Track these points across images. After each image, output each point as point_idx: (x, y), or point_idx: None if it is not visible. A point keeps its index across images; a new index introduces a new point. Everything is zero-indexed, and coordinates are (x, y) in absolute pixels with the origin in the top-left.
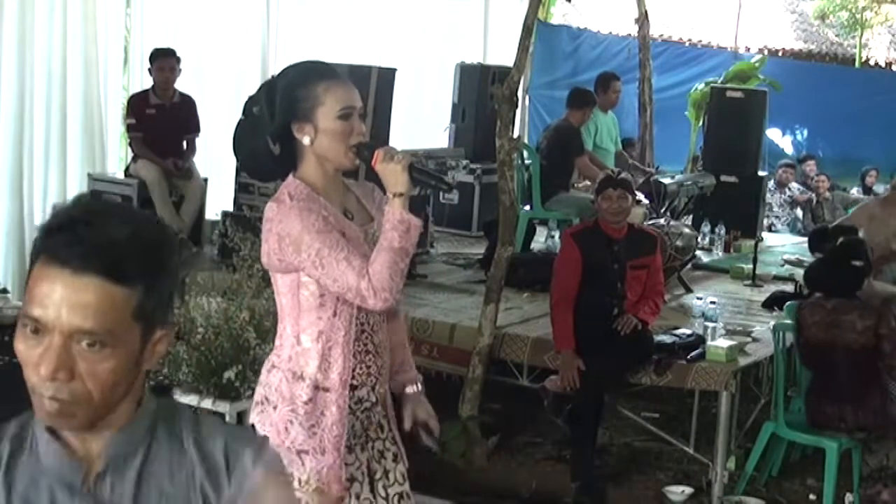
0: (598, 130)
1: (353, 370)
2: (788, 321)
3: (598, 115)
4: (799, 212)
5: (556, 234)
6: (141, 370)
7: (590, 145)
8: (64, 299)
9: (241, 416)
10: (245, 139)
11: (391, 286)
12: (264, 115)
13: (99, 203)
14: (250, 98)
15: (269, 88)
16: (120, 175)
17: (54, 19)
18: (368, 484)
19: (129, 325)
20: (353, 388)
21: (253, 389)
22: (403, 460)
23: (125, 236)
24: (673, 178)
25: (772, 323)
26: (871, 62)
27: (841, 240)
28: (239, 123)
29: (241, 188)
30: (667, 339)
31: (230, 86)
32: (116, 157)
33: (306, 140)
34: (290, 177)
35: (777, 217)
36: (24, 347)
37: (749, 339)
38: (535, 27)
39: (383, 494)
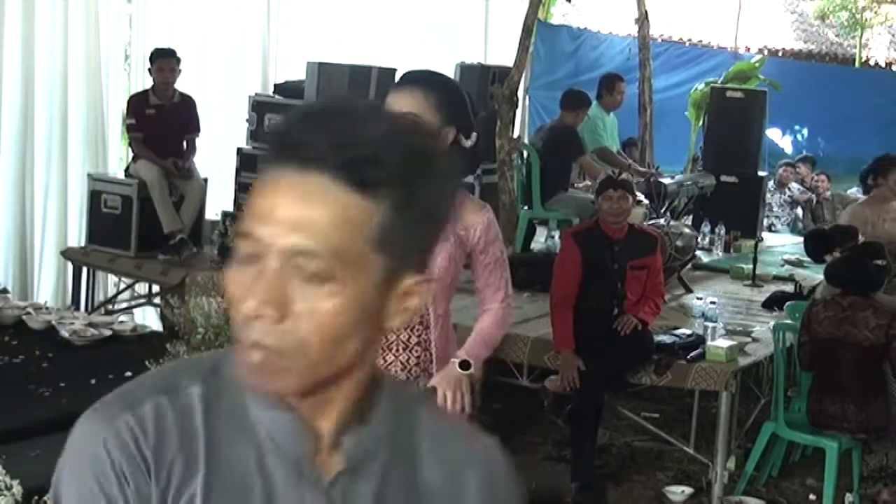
0: (606, 129)
1: None
2: (788, 321)
3: (604, 115)
4: (799, 212)
5: (556, 234)
6: (380, 330)
7: (605, 141)
8: (287, 212)
9: None
10: None
11: None
12: None
13: (356, 99)
14: None
15: None
16: (120, 175)
17: (56, 20)
18: None
19: (365, 253)
20: None
21: None
22: None
23: (380, 134)
24: (673, 178)
25: (772, 323)
26: (871, 62)
27: (863, 240)
28: None
29: (241, 188)
30: (667, 339)
31: (230, 86)
32: (117, 158)
33: None
34: None
35: (777, 217)
36: (233, 280)
37: (749, 339)
38: (535, 27)
39: None
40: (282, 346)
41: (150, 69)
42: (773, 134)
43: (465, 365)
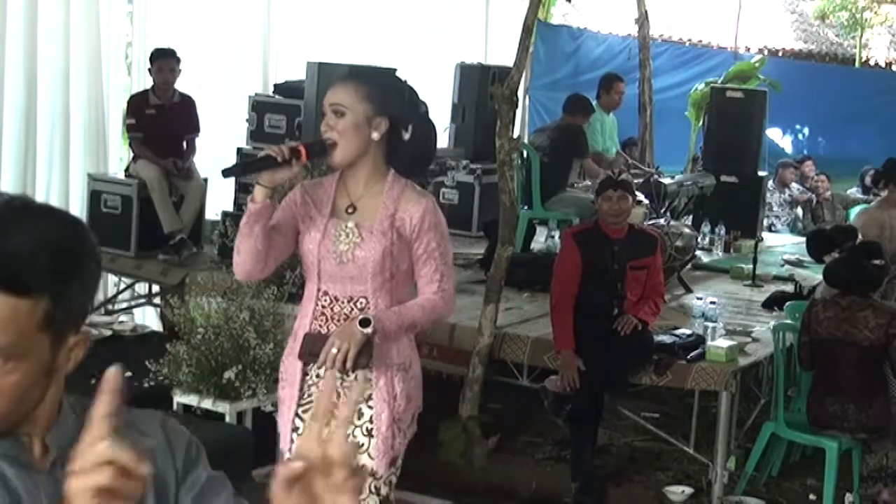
0: (605, 131)
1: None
2: (788, 321)
3: (603, 116)
4: (799, 212)
5: (556, 234)
6: (55, 378)
7: (601, 145)
8: None
9: (241, 416)
10: None
11: (234, 258)
12: None
13: (9, 206)
14: None
15: None
16: (120, 175)
17: (57, 20)
18: None
19: (34, 336)
20: (313, 362)
21: (253, 390)
22: (372, 454)
23: (29, 246)
24: (673, 178)
25: (772, 323)
26: (871, 62)
27: (860, 240)
28: None
29: (241, 188)
30: (667, 339)
31: (230, 86)
32: (117, 158)
33: None
34: None
35: (777, 217)
36: None
37: (749, 339)
38: (535, 27)
39: None
40: None
41: (150, 69)
42: (773, 134)
43: (364, 322)
